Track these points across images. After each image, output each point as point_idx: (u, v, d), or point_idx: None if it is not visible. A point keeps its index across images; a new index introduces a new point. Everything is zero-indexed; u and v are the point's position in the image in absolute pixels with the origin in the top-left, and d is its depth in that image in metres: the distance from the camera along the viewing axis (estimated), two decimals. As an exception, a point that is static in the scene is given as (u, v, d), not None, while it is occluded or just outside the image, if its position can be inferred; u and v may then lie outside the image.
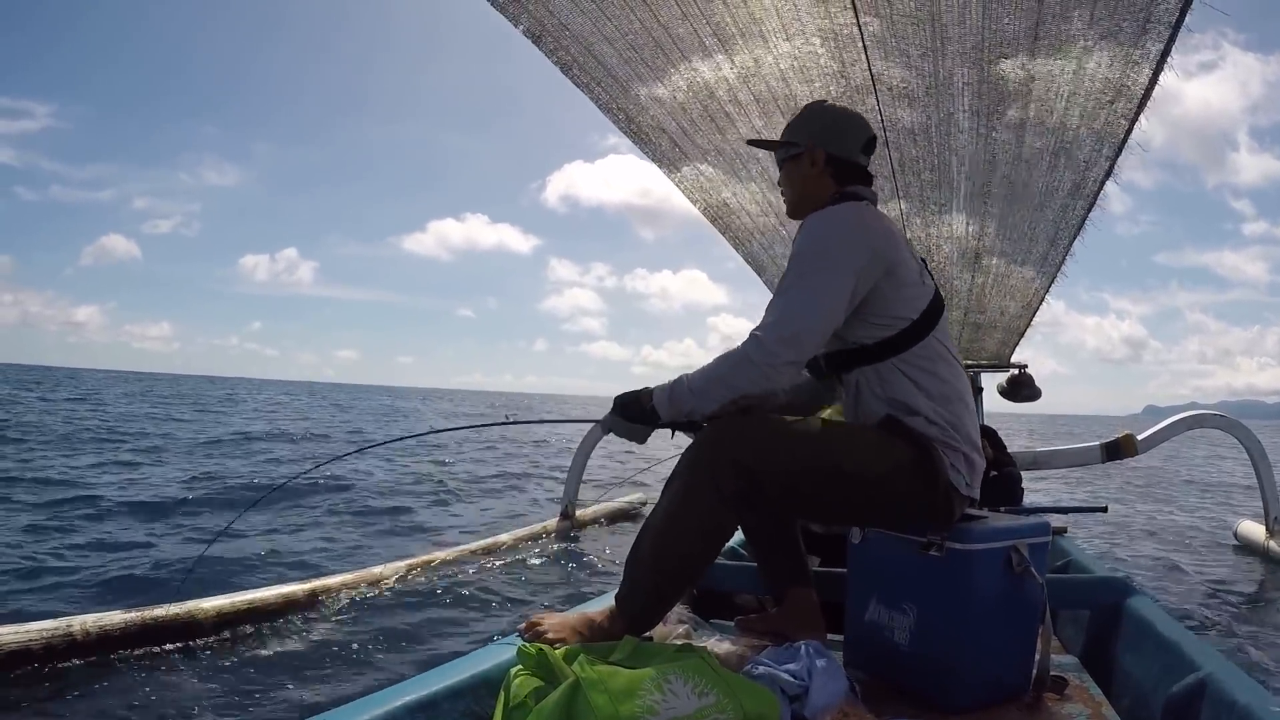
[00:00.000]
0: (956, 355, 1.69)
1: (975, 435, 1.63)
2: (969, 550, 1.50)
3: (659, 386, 1.61)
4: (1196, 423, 5.48)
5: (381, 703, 1.26)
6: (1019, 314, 5.54)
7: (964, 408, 1.62)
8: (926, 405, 1.57)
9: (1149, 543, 6.63)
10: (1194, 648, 1.57)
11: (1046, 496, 9.09)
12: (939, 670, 1.52)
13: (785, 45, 2.57)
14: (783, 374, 1.51)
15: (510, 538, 5.56)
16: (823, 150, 1.72)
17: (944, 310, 1.68)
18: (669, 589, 1.59)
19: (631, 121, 3.09)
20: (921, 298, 1.62)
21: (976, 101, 2.76)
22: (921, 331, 1.60)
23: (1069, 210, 3.64)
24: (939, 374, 1.60)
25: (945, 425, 1.57)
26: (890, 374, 1.59)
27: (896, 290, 1.58)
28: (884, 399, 1.60)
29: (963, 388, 1.65)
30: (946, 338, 1.67)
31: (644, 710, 1.17)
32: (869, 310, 1.58)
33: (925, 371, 1.59)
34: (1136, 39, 2.23)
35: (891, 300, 1.58)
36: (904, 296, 1.59)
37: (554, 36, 2.48)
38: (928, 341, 1.61)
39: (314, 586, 3.83)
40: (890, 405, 1.59)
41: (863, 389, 1.64)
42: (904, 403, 1.58)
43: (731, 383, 1.52)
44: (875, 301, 1.58)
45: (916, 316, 1.60)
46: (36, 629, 2.86)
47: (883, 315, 1.59)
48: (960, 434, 1.59)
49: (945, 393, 1.59)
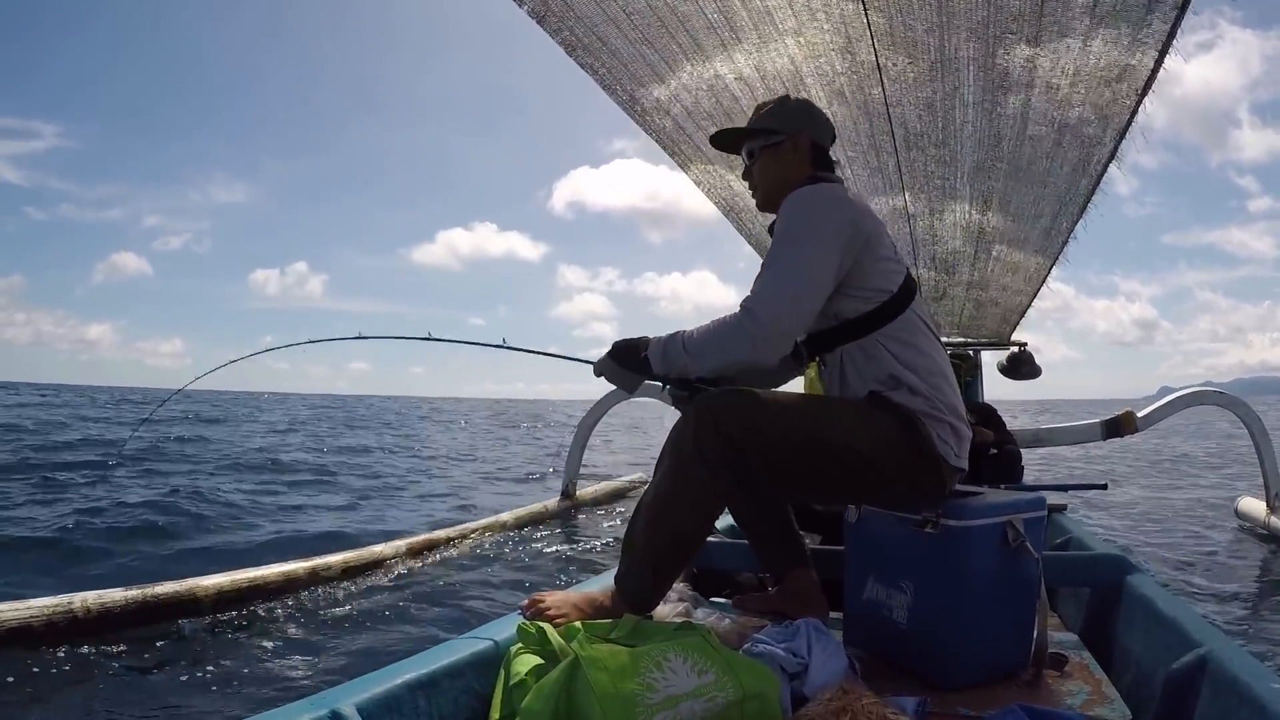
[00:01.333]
0: (935, 330, 1.70)
1: (959, 406, 1.63)
2: (964, 526, 1.50)
3: (656, 338, 1.63)
4: (1196, 399, 5.49)
5: (382, 680, 1.26)
6: (1021, 292, 5.53)
7: (945, 380, 1.62)
8: (911, 378, 1.57)
9: (1149, 519, 6.65)
10: (1194, 624, 1.57)
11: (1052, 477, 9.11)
12: (938, 647, 1.52)
13: (790, 22, 2.54)
14: (774, 345, 1.51)
15: (511, 516, 5.58)
16: (808, 136, 1.76)
17: (917, 290, 1.69)
18: (666, 567, 1.59)
19: (635, 103, 3.05)
20: (898, 272, 1.64)
21: (981, 78, 2.74)
22: (901, 304, 1.61)
23: (1073, 188, 3.61)
24: (920, 347, 1.61)
25: (930, 397, 1.57)
26: (874, 349, 1.60)
27: (875, 263, 1.60)
28: (869, 375, 1.60)
29: (943, 361, 1.66)
30: (925, 315, 1.68)
31: (643, 688, 1.17)
32: (851, 283, 1.59)
33: (907, 345, 1.60)
34: (1142, 19, 2.21)
35: (871, 273, 1.60)
36: (882, 270, 1.61)
37: (558, 16, 2.46)
38: (908, 315, 1.62)
39: (315, 565, 3.84)
40: (875, 381, 1.59)
41: (847, 366, 1.64)
42: (889, 376, 1.58)
43: (725, 348, 1.53)
44: (856, 274, 1.59)
45: (895, 290, 1.61)
46: (38, 606, 2.87)
47: (864, 288, 1.60)
48: (945, 405, 1.59)
49: (927, 365, 1.60)
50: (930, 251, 4.73)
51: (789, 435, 1.52)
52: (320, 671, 2.80)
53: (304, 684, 2.67)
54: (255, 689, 2.65)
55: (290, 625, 3.25)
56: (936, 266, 4.96)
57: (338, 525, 5.95)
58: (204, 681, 2.67)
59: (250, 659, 2.87)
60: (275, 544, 5.00)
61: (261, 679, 2.73)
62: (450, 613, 3.56)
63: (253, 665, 2.81)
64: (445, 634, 3.04)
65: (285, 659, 2.89)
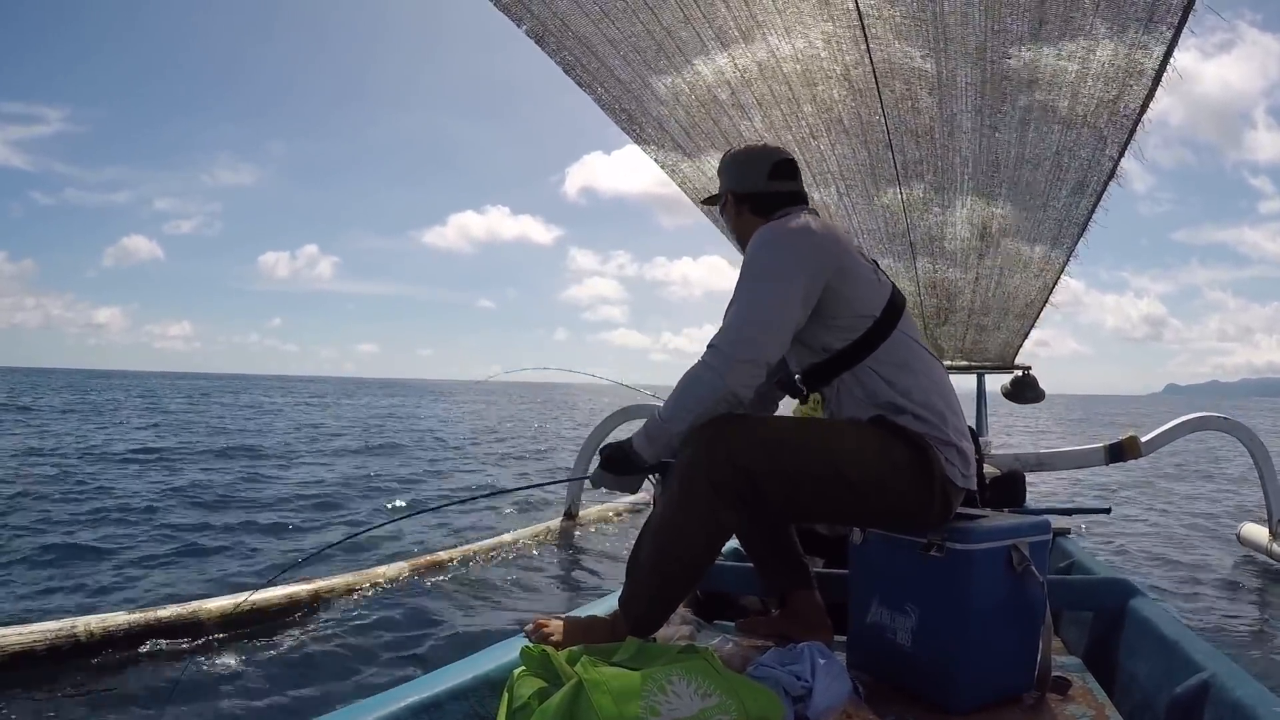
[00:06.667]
0: (928, 348, 1.71)
1: (961, 424, 1.64)
2: (969, 550, 1.50)
3: (636, 433, 1.65)
4: (1200, 425, 5.48)
5: (385, 704, 1.26)
6: (1021, 316, 5.54)
7: (944, 399, 1.63)
8: (910, 403, 1.58)
9: (1152, 543, 6.61)
10: (1198, 649, 1.57)
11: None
12: (942, 671, 1.52)
13: (788, 48, 2.57)
14: (740, 374, 1.51)
15: (513, 537, 5.56)
16: (730, 192, 1.83)
17: (905, 306, 1.70)
18: (671, 591, 1.59)
19: (634, 122, 3.10)
20: (880, 295, 1.64)
21: (980, 95, 2.75)
22: (886, 329, 1.62)
23: (1073, 209, 3.62)
24: (915, 369, 1.62)
25: (933, 420, 1.58)
26: (868, 377, 1.61)
27: (853, 289, 1.61)
28: (867, 404, 1.61)
29: (940, 378, 1.66)
30: (915, 332, 1.69)
31: (647, 711, 1.17)
32: (829, 313, 1.60)
33: (901, 367, 1.61)
34: (1144, 27, 2.21)
35: (850, 299, 1.61)
36: (861, 296, 1.62)
37: (557, 37, 2.50)
38: (896, 337, 1.63)
39: (317, 587, 3.83)
40: (875, 407, 1.60)
41: (844, 397, 1.65)
42: (888, 403, 1.59)
43: (696, 394, 1.54)
44: (833, 303, 1.60)
45: (879, 314, 1.62)
46: (40, 630, 2.87)
47: (845, 316, 1.61)
48: (949, 425, 1.59)
49: (925, 385, 1.61)
50: (930, 277, 4.75)
51: (797, 459, 1.53)
52: (323, 694, 2.79)
53: (307, 707, 2.66)
54: (258, 713, 2.64)
55: (293, 648, 3.24)
56: (938, 292, 4.98)
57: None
58: (207, 705, 2.66)
59: (253, 682, 2.86)
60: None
61: (264, 703, 2.71)
62: (453, 635, 3.54)
63: (256, 689, 2.80)
64: (447, 657, 3.03)
65: (288, 682, 2.88)
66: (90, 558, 5.01)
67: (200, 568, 4.90)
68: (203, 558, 5.17)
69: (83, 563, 4.87)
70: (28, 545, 5.23)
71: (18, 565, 4.74)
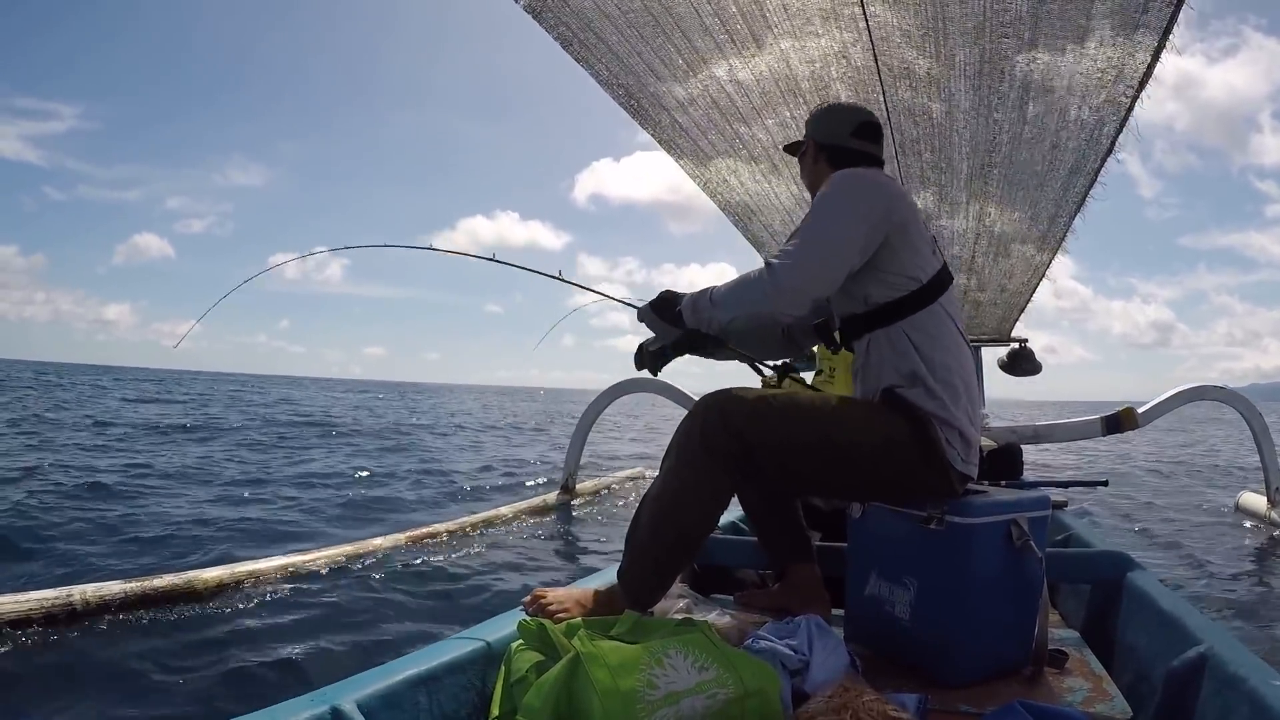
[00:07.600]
0: (965, 334, 1.70)
1: (974, 411, 1.64)
2: (969, 524, 1.50)
3: (689, 294, 1.70)
4: (1197, 395, 5.48)
5: (383, 677, 1.26)
6: (1019, 290, 5.53)
7: (965, 382, 1.63)
8: (929, 377, 1.58)
9: (1150, 516, 6.65)
10: (1195, 621, 1.57)
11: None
12: (940, 644, 1.52)
13: (787, 24, 2.54)
14: (785, 300, 1.53)
15: (511, 511, 5.58)
16: (813, 140, 1.87)
17: (951, 284, 1.70)
18: (669, 561, 1.60)
19: (631, 98, 3.06)
20: (930, 265, 1.65)
21: (978, 80, 2.74)
22: (929, 296, 1.63)
23: (1070, 188, 3.63)
24: (945, 345, 1.61)
25: (944, 399, 1.57)
26: (899, 339, 1.61)
27: (908, 250, 1.62)
28: (892, 366, 1.61)
29: (966, 363, 1.66)
30: (956, 313, 1.68)
31: (644, 684, 1.16)
32: (880, 265, 1.61)
33: (932, 338, 1.60)
34: (1138, 18, 2.21)
35: (903, 259, 1.62)
36: (913, 259, 1.63)
37: (554, 12, 2.48)
38: (935, 309, 1.63)
39: (313, 557, 3.84)
40: (896, 372, 1.60)
41: (873, 354, 1.65)
42: (910, 371, 1.59)
43: (745, 298, 1.58)
44: (886, 257, 1.61)
45: (925, 280, 1.63)
46: (36, 598, 2.87)
47: (892, 272, 1.62)
48: (958, 408, 1.59)
49: (948, 364, 1.60)
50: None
51: (795, 431, 1.54)
52: (319, 665, 2.79)
53: (303, 678, 2.66)
54: (254, 683, 2.64)
55: (288, 618, 3.24)
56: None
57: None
58: (202, 675, 2.66)
59: (249, 652, 2.86)
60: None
61: (260, 673, 2.71)
62: (449, 608, 3.55)
63: (251, 659, 2.80)
64: (444, 629, 3.04)
65: (283, 653, 2.88)
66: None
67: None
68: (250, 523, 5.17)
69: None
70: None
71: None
